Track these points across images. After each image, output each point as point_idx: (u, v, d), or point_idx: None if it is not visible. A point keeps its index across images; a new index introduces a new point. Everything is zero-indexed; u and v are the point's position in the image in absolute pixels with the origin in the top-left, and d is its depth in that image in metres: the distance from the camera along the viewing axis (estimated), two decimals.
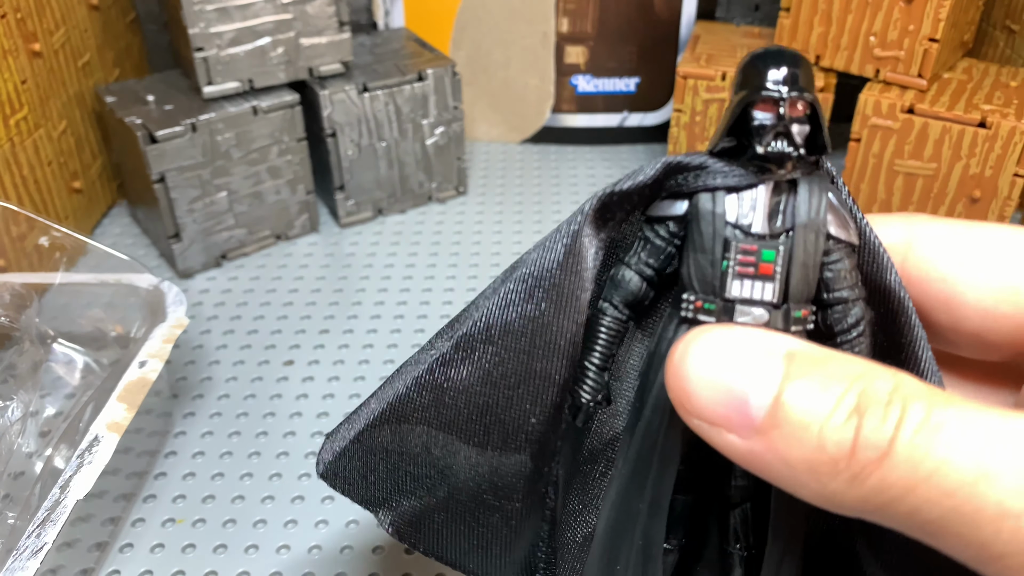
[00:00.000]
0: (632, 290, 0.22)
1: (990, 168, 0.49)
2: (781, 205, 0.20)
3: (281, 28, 0.50)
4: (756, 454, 0.17)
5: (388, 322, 0.49)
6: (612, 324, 0.22)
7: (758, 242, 0.19)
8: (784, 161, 0.19)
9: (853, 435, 0.16)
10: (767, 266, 0.19)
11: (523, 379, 0.22)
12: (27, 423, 0.38)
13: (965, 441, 0.15)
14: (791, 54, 0.19)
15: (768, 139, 0.19)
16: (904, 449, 0.16)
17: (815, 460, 0.17)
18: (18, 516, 0.35)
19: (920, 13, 0.49)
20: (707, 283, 0.20)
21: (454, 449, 0.24)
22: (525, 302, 0.21)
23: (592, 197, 0.21)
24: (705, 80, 0.55)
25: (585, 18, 0.63)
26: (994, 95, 0.50)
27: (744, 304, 0.20)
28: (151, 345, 0.38)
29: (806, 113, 0.19)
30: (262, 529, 0.37)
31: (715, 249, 0.20)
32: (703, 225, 0.20)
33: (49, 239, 0.43)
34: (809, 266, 0.20)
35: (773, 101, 0.19)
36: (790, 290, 0.20)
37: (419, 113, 0.56)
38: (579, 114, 0.66)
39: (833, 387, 0.17)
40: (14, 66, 0.47)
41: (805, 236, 0.19)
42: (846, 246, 0.20)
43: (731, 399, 0.17)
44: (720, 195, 0.20)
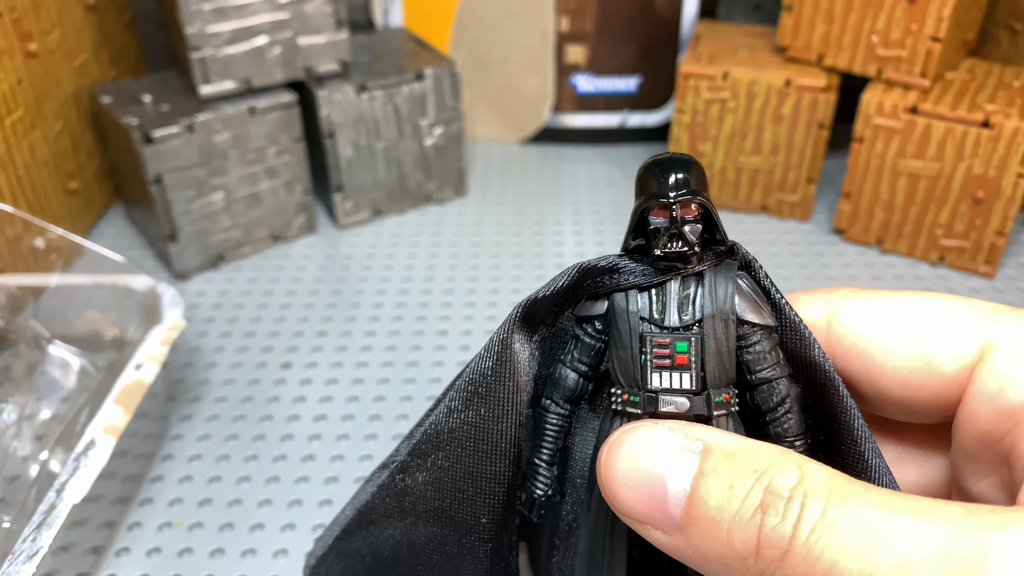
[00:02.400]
0: (570, 387, 0.23)
1: (993, 168, 0.49)
2: (691, 297, 0.21)
3: (278, 27, 0.50)
4: (679, 549, 0.18)
5: (386, 324, 0.49)
6: (556, 420, 0.23)
7: (671, 335, 0.21)
8: (683, 259, 0.21)
9: (757, 532, 0.17)
10: (682, 357, 0.21)
11: (471, 482, 0.23)
12: (22, 426, 0.38)
13: (854, 540, 0.16)
14: (681, 160, 0.21)
15: (664, 241, 0.20)
16: (801, 548, 0.17)
17: (727, 556, 0.18)
18: (13, 520, 0.34)
19: (923, 12, 0.49)
20: (630, 376, 0.21)
21: (418, 551, 0.25)
22: (465, 409, 0.23)
23: (518, 305, 0.22)
24: (706, 80, 0.54)
25: (585, 17, 0.62)
26: (997, 95, 0.50)
27: (666, 394, 0.21)
28: (147, 347, 0.38)
29: (699, 213, 0.20)
30: (259, 534, 0.37)
31: (632, 344, 0.21)
32: (620, 323, 0.21)
33: (45, 240, 0.42)
34: (723, 353, 0.21)
35: (665, 207, 0.20)
36: (707, 377, 0.21)
37: (418, 113, 0.56)
38: (579, 114, 0.66)
39: (740, 483, 0.18)
40: (10, 66, 0.47)
41: (715, 325, 0.21)
42: (762, 328, 0.21)
43: (652, 498, 0.19)
44: (633, 293, 0.21)
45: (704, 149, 0.57)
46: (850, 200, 0.54)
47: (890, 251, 0.54)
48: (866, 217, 0.54)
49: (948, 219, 0.51)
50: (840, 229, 0.55)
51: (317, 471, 0.39)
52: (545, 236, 0.57)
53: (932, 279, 0.52)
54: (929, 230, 0.52)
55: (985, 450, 0.21)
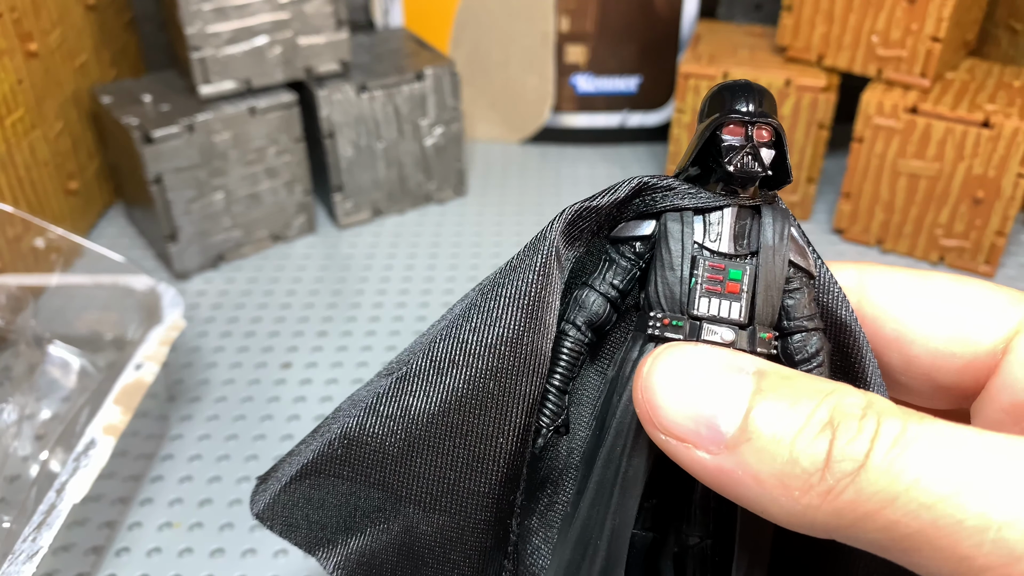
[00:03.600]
0: (596, 311, 0.22)
1: (993, 168, 0.49)
2: (746, 229, 0.20)
3: (278, 28, 0.50)
4: (725, 471, 0.17)
5: (387, 324, 0.49)
6: (574, 346, 0.22)
7: (725, 261, 0.20)
8: (751, 181, 0.20)
9: (827, 448, 0.16)
10: (734, 285, 0.20)
11: (494, 399, 0.21)
12: (23, 426, 0.38)
13: (943, 454, 0.15)
14: (758, 86, 0.20)
15: (738, 158, 0.20)
16: (881, 462, 0.16)
17: (787, 474, 0.16)
18: (14, 520, 0.34)
19: (923, 12, 0.49)
20: (675, 300, 0.20)
21: (416, 477, 0.22)
22: (499, 322, 0.21)
23: (561, 212, 0.21)
24: (707, 79, 0.54)
25: (585, 17, 0.62)
26: (997, 95, 0.50)
27: (711, 323, 0.20)
28: (147, 347, 0.38)
29: (771, 139, 0.20)
30: (259, 533, 0.37)
31: (683, 266, 0.20)
32: (672, 243, 0.20)
33: (45, 241, 0.42)
34: (772, 288, 0.20)
35: (742, 123, 0.20)
36: (755, 311, 0.20)
37: (418, 113, 0.56)
38: (579, 114, 0.66)
39: (804, 402, 0.17)
40: (10, 66, 0.47)
41: (770, 258, 0.20)
42: (805, 275, 0.21)
43: (700, 414, 0.17)
44: (688, 215, 0.20)
45: None
46: (850, 200, 0.54)
47: (890, 251, 0.54)
48: (866, 217, 0.54)
49: (948, 219, 0.51)
50: (840, 229, 0.55)
51: None
52: None
53: None
54: (929, 230, 0.52)
55: (1013, 424, 0.21)
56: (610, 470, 0.20)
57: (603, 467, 0.21)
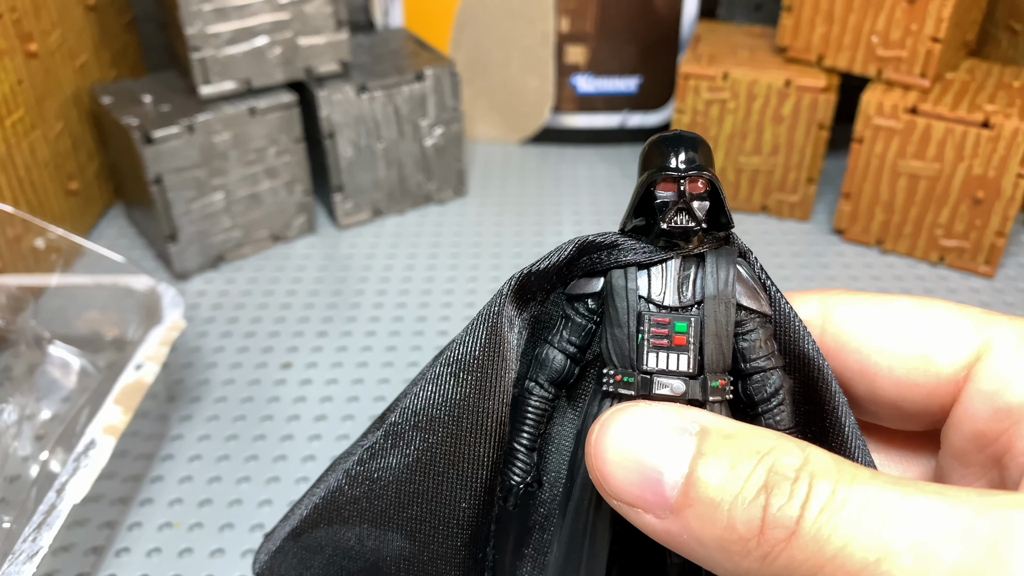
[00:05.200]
0: (557, 368, 0.22)
1: (993, 169, 0.49)
2: (691, 278, 0.21)
3: (279, 28, 0.50)
4: (672, 534, 0.18)
5: (386, 324, 0.49)
6: (539, 404, 0.22)
7: (670, 314, 0.20)
8: (687, 235, 0.20)
9: (761, 514, 0.16)
10: (680, 337, 0.20)
11: (452, 463, 0.22)
12: (23, 426, 0.38)
13: (867, 520, 0.16)
14: (690, 137, 0.20)
15: (670, 215, 0.20)
16: (810, 528, 0.16)
17: (727, 539, 0.17)
18: (14, 520, 0.34)
19: (923, 13, 0.49)
20: (624, 357, 0.20)
21: (387, 540, 0.24)
22: (452, 386, 0.22)
23: (510, 278, 0.21)
24: (707, 80, 0.54)
25: (585, 17, 0.62)
26: (997, 95, 0.50)
27: (661, 375, 0.20)
28: (147, 348, 0.38)
29: (706, 190, 0.20)
30: (259, 533, 0.37)
31: (630, 323, 0.20)
32: (617, 301, 0.21)
33: (45, 241, 0.42)
34: (722, 336, 0.20)
35: (673, 180, 0.20)
36: (705, 360, 0.20)
37: (418, 113, 0.56)
38: (579, 114, 0.66)
39: (743, 464, 0.17)
40: (10, 66, 0.47)
41: (715, 307, 0.20)
42: (759, 316, 0.21)
43: (645, 479, 0.18)
44: (632, 271, 0.21)
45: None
46: (850, 200, 0.54)
47: (890, 251, 0.54)
48: (866, 217, 0.54)
49: (948, 219, 0.51)
50: (840, 229, 0.55)
51: (317, 471, 0.39)
52: (545, 236, 0.57)
53: (932, 279, 0.52)
54: (929, 230, 0.52)
55: (977, 452, 0.21)
56: (579, 522, 0.21)
57: (573, 519, 0.21)
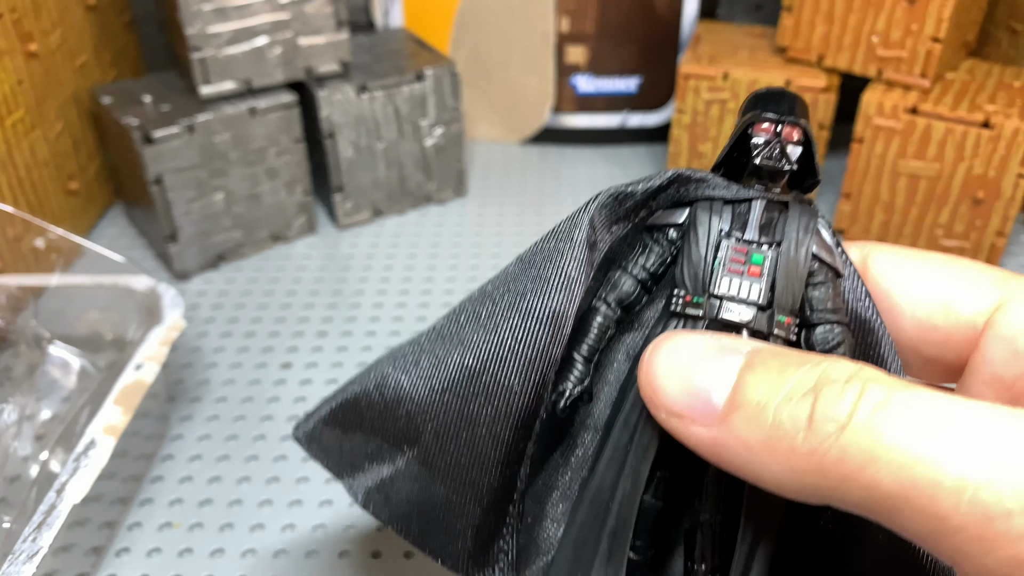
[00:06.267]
0: (627, 291, 0.23)
1: (994, 169, 0.49)
2: (773, 221, 0.21)
3: (279, 28, 0.50)
4: (719, 442, 0.18)
5: (387, 324, 0.49)
6: (604, 321, 0.23)
7: (748, 246, 0.21)
8: (776, 176, 0.21)
9: (809, 411, 0.17)
10: (755, 268, 0.21)
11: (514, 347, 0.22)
12: (23, 426, 0.38)
13: (925, 418, 0.16)
14: (791, 93, 0.22)
15: (764, 152, 0.21)
16: (863, 423, 0.16)
17: (773, 438, 0.17)
18: (14, 520, 0.34)
19: (923, 13, 0.49)
20: (697, 280, 0.21)
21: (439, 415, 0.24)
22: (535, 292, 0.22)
23: (597, 194, 0.22)
24: (707, 80, 0.54)
25: (586, 17, 0.62)
26: (997, 95, 0.50)
27: (731, 301, 0.21)
28: (147, 348, 0.38)
29: (800, 141, 0.21)
30: (259, 533, 0.37)
31: (708, 249, 0.21)
32: (699, 228, 0.22)
33: (45, 241, 0.42)
34: (793, 276, 0.21)
35: (771, 122, 0.21)
36: (775, 295, 0.21)
37: (418, 113, 0.56)
38: (579, 114, 0.66)
39: (791, 371, 0.18)
40: (10, 67, 0.47)
41: (793, 248, 0.21)
42: (830, 270, 0.22)
43: (695, 389, 0.18)
44: (718, 204, 0.22)
45: (704, 149, 0.57)
46: (850, 200, 0.54)
47: None
48: (866, 217, 0.54)
49: (948, 220, 0.51)
50: (840, 229, 0.55)
51: (317, 471, 0.39)
52: None
53: None
54: (929, 231, 0.52)
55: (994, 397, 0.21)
56: (625, 435, 0.21)
57: (619, 432, 0.22)
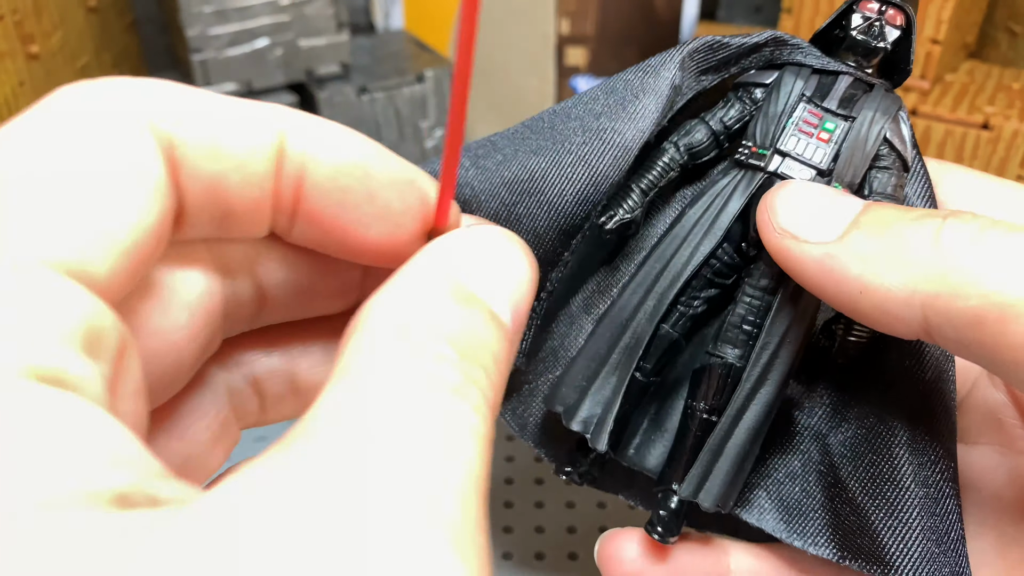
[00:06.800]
0: (698, 139, 0.23)
1: (993, 170, 0.49)
2: (856, 98, 0.22)
3: (279, 29, 0.50)
4: (833, 256, 0.19)
5: None
6: (668, 162, 0.23)
7: (824, 113, 0.22)
8: (871, 54, 0.22)
9: (938, 228, 0.17)
10: (825, 135, 0.21)
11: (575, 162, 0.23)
12: None
13: None
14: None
15: (863, 27, 0.22)
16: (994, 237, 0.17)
17: (894, 247, 0.18)
18: None
19: (923, 14, 0.49)
20: (767, 135, 0.22)
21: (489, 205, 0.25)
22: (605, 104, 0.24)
23: (696, 39, 0.23)
24: None
25: (586, 19, 0.63)
26: (997, 97, 0.50)
27: (793, 161, 0.21)
28: None
29: (902, 25, 0.22)
30: None
31: (785, 107, 0.22)
32: (782, 89, 0.22)
33: None
34: (858, 151, 0.21)
35: (878, 1, 0.22)
36: (837, 165, 0.21)
37: (418, 115, 0.56)
38: None
39: (916, 209, 0.19)
40: (11, 68, 0.47)
41: (866, 125, 0.21)
42: (899, 158, 0.22)
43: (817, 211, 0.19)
44: (806, 71, 0.22)
45: None
46: None
47: None
48: None
49: None
50: None
51: None
52: None
53: None
54: None
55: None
56: (659, 263, 0.22)
57: (655, 260, 0.22)
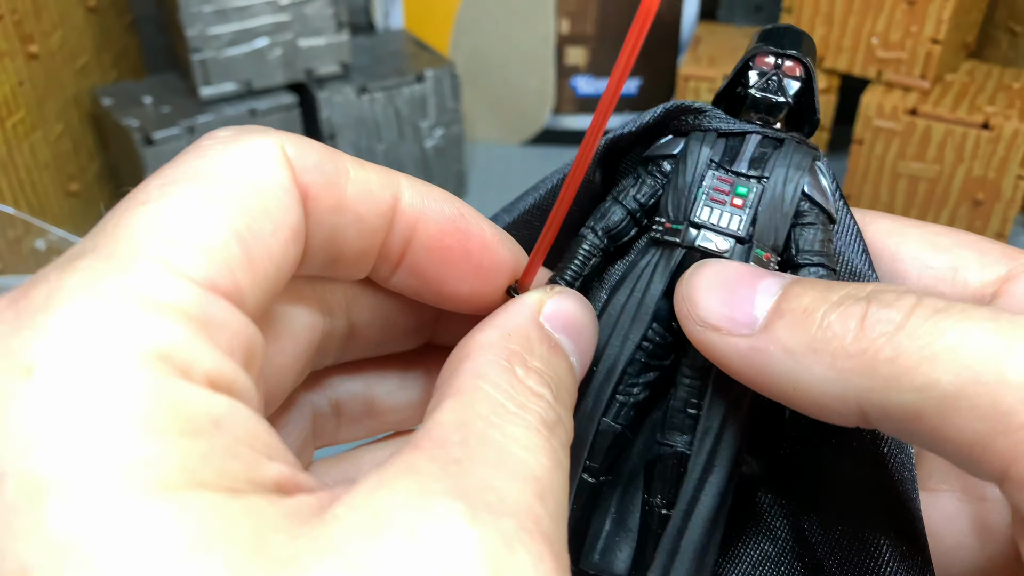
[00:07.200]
0: (614, 221, 0.23)
1: (993, 170, 0.49)
2: (766, 156, 0.21)
3: (279, 29, 0.50)
4: (758, 349, 0.18)
5: None
6: (590, 248, 0.23)
7: (735, 177, 0.21)
8: (774, 110, 0.21)
9: (862, 314, 0.17)
10: (739, 200, 0.21)
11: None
12: None
13: (986, 321, 0.16)
14: (798, 30, 0.22)
15: (760, 83, 0.21)
16: (923, 322, 0.16)
17: (820, 340, 0.17)
18: None
19: (923, 14, 0.49)
20: (680, 208, 0.21)
21: None
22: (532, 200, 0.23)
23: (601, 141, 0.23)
24: (707, 81, 0.54)
25: (586, 19, 0.62)
26: (997, 97, 0.50)
27: (710, 231, 0.21)
28: None
29: (800, 76, 0.21)
30: None
31: (694, 178, 0.21)
32: (689, 159, 0.21)
33: (46, 242, 0.42)
34: (777, 212, 0.21)
35: (772, 55, 0.21)
36: (756, 229, 0.20)
37: (418, 115, 0.56)
38: (579, 115, 0.66)
39: (836, 286, 0.18)
40: (11, 68, 0.47)
41: (780, 183, 0.21)
42: (822, 212, 0.21)
43: (736, 300, 0.19)
44: (711, 136, 0.21)
45: None
46: (850, 202, 0.54)
47: None
48: None
49: (948, 221, 0.51)
50: None
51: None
52: None
53: None
54: None
55: None
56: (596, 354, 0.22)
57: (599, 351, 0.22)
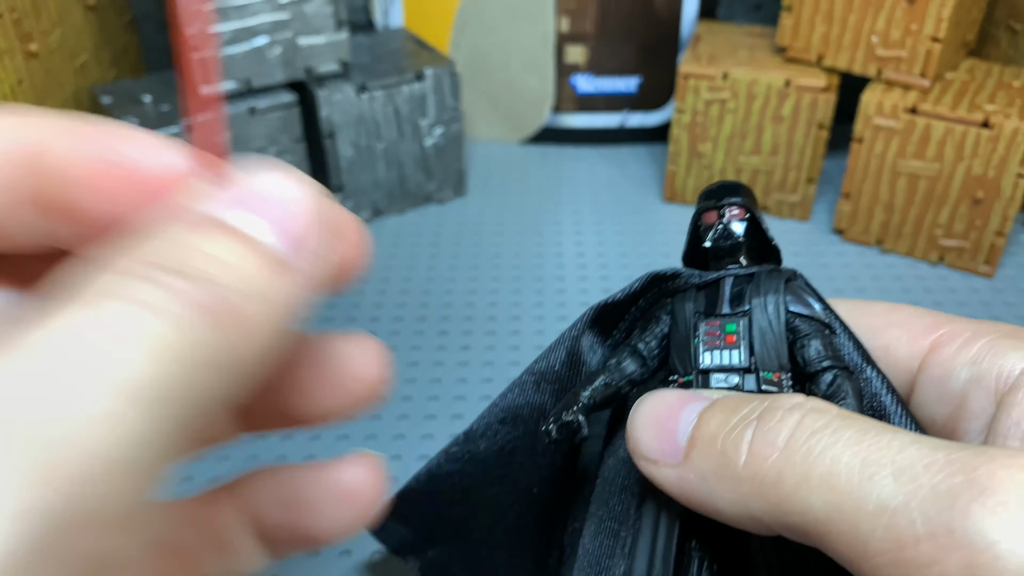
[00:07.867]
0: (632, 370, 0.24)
1: (993, 169, 0.49)
2: (743, 292, 0.23)
3: (278, 28, 0.50)
4: (683, 479, 0.19)
5: (386, 324, 0.49)
6: (611, 382, 0.24)
7: (721, 319, 0.23)
8: (733, 251, 0.24)
9: (751, 437, 0.18)
10: (731, 336, 0.22)
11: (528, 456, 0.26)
12: None
13: (856, 444, 0.17)
14: (733, 182, 0.25)
15: (712, 236, 0.24)
16: (799, 448, 0.17)
17: (721, 466, 0.18)
18: None
19: (923, 12, 0.49)
20: (686, 363, 0.23)
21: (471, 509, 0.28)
22: (533, 392, 0.26)
23: (590, 308, 0.25)
24: (707, 80, 0.54)
25: (585, 17, 0.62)
26: (997, 95, 0.50)
27: (717, 372, 0.22)
28: None
29: (743, 216, 0.24)
30: None
31: (689, 332, 0.23)
32: (678, 317, 0.24)
33: None
34: (769, 336, 0.22)
35: (713, 208, 0.24)
36: (755, 356, 0.22)
37: (418, 113, 0.56)
38: (579, 114, 0.66)
39: (742, 407, 0.19)
40: (10, 66, 0.47)
41: (762, 306, 0.23)
42: (815, 322, 0.23)
43: (664, 434, 0.20)
44: (691, 292, 0.24)
45: (704, 149, 0.57)
46: (850, 200, 0.54)
47: (890, 251, 0.54)
48: (866, 217, 0.54)
49: (948, 219, 0.51)
50: (840, 229, 0.55)
51: None
52: (545, 236, 0.57)
53: (932, 279, 0.52)
54: (929, 230, 0.52)
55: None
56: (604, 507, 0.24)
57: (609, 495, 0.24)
